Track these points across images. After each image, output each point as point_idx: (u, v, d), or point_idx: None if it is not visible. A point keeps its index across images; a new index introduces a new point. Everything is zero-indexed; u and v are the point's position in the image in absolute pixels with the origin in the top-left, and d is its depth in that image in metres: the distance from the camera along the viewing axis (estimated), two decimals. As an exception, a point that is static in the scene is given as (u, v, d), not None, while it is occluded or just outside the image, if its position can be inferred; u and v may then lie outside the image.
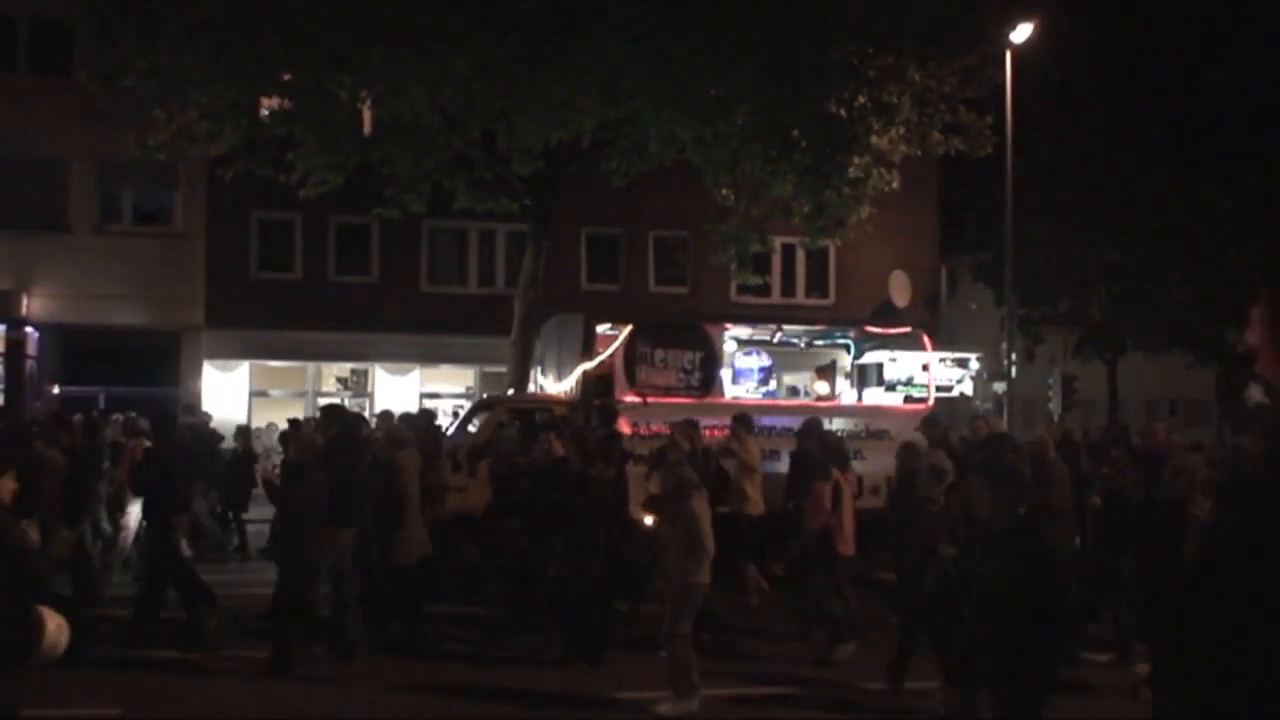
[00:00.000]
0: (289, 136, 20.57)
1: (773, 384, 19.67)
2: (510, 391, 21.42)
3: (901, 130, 20.53)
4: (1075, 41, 32.01)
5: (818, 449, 13.53)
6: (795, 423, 16.09)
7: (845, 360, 20.52)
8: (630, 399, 17.09)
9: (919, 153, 21.57)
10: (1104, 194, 34.27)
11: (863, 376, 20.40)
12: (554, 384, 19.39)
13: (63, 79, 27.17)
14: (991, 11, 20.92)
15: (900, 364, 20.48)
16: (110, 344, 26.34)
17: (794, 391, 20.99)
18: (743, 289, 28.29)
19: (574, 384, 17.90)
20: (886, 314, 31.71)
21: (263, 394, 28.42)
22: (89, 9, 20.70)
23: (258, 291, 28.19)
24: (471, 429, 17.79)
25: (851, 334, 20.37)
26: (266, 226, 28.93)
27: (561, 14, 17.86)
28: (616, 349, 17.48)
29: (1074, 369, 33.10)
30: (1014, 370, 28.73)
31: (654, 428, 16.26)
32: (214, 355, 27.74)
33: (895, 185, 21.31)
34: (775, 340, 19.81)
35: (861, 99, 19.68)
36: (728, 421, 15.69)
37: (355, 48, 18.06)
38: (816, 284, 32.25)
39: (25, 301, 26.78)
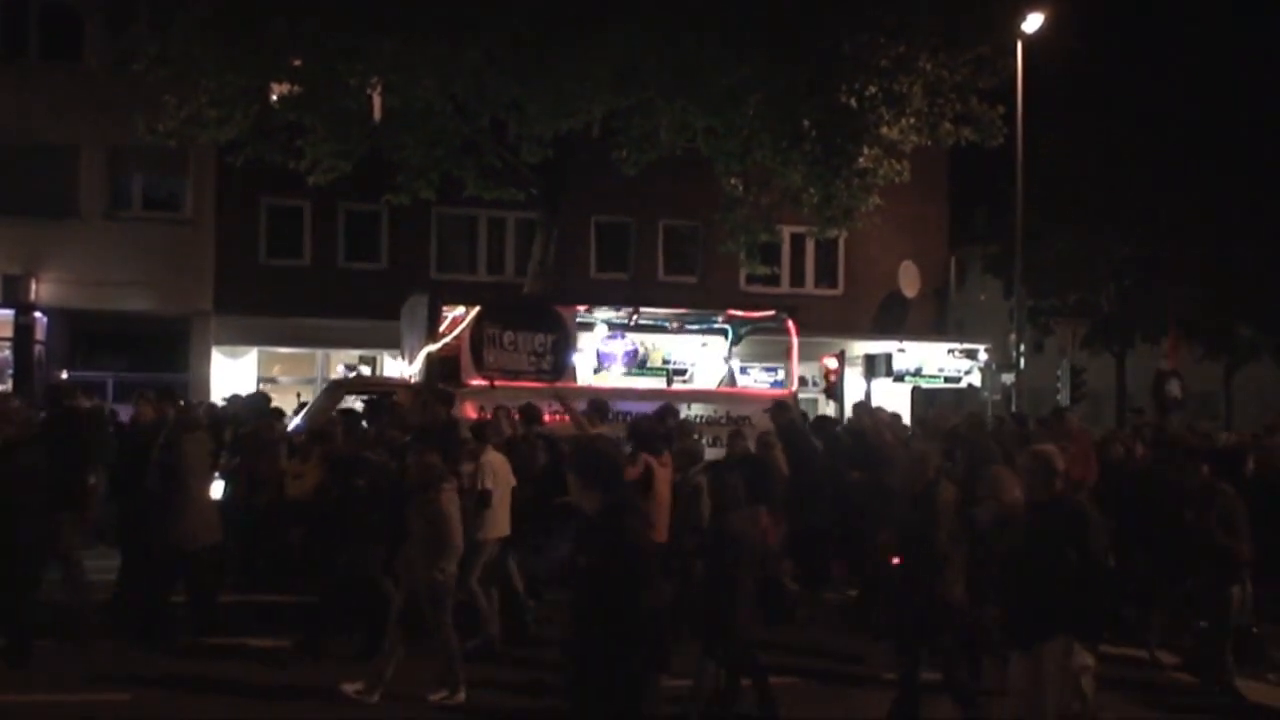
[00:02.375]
0: (299, 123, 20.57)
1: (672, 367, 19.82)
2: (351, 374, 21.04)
3: (912, 120, 20.51)
4: (1086, 31, 31.88)
5: (630, 433, 13.10)
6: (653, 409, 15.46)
7: (722, 345, 20.31)
8: (477, 383, 16.57)
9: (929, 143, 21.54)
10: (1114, 185, 34.22)
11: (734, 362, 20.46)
12: (407, 366, 18.91)
13: (73, 64, 27.24)
14: (1003, 1, 20.90)
15: (910, 354, 20.40)
16: (119, 329, 26.36)
17: (802, 381, 20.92)
18: (752, 279, 28.23)
19: (419, 367, 17.36)
20: (896, 304, 31.86)
21: (271, 380, 28.39)
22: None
23: (267, 278, 28.17)
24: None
25: (719, 318, 20.04)
26: (276, 213, 28.89)
27: (573, 3, 17.85)
28: (463, 331, 16.95)
29: (1082, 361, 33.06)
30: (1022, 361, 28.69)
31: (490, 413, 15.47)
32: (222, 341, 27.74)
33: (905, 176, 21.30)
34: (632, 323, 19.33)
35: (872, 89, 19.67)
36: (581, 407, 15.12)
37: (367, 36, 18.08)
38: (826, 274, 32.20)
39: (34, 287, 26.77)
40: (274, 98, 20.81)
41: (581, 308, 18.69)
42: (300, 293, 27.98)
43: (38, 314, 26.89)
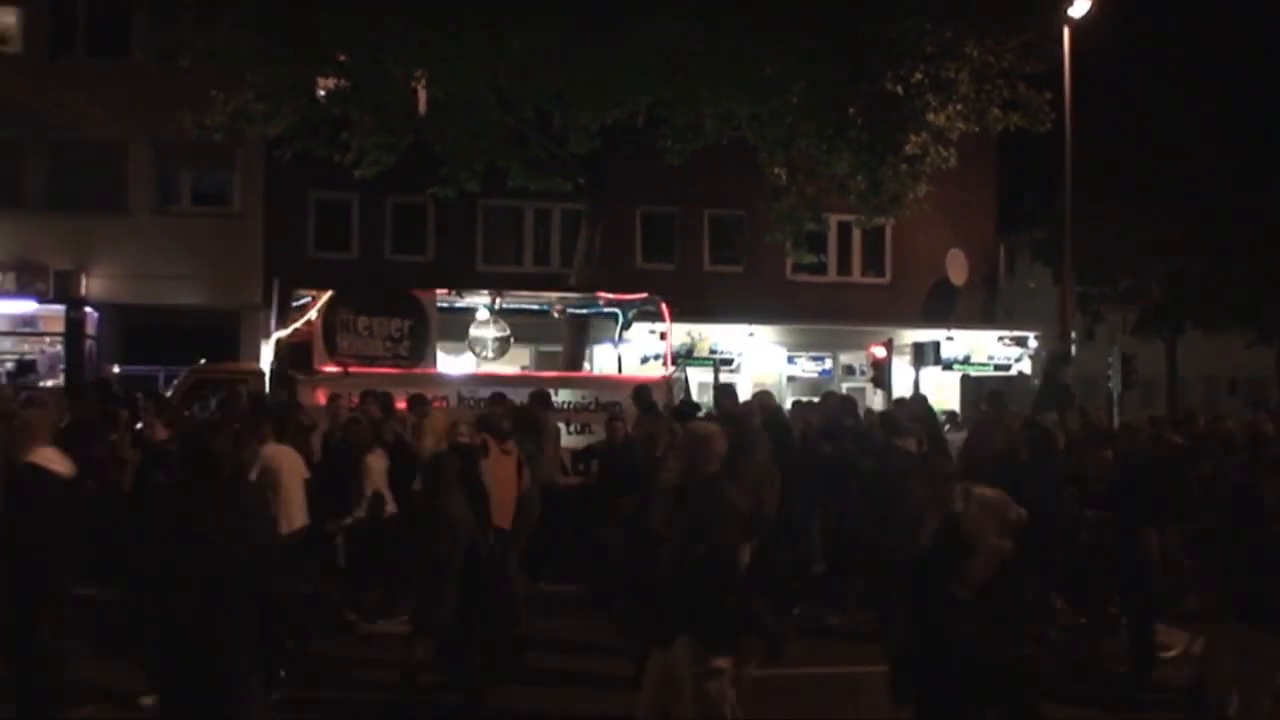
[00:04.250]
0: (345, 116, 20.64)
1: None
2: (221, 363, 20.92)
3: (959, 106, 20.32)
4: (1133, 16, 31.57)
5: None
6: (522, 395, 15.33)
7: (613, 329, 20.28)
8: (330, 369, 16.28)
9: (977, 129, 21.35)
10: (1162, 169, 33.88)
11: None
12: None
13: (121, 60, 27.52)
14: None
15: (958, 342, 20.14)
16: (169, 324, 26.51)
17: (850, 370, 20.80)
18: (798, 268, 28.13)
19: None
20: (944, 292, 31.64)
21: (319, 372, 28.55)
22: (147, -11, 20.87)
23: (315, 271, 28.28)
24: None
25: (601, 303, 19.99)
26: (323, 206, 29.09)
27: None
28: (315, 316, 16.65)
29: (1132, 347, 32.80)
30: (1073, 349, 28.45)
31: (356, 400, 15.21)
32: (272, 334, 27.87)
33: (953, 162, 21.12)
34: (497, 308, 18.92)
35: (918, 75, 19.51)
36: (442, 394, 15.16)
37: (410, 27, 18.11)
38: (873, 263, 32.06)
39: (84, 282, 27.05)
40: (320, 92, 20.91)
41: (442, 291, 18.42)
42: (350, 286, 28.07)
43: (88, 309, 27.17)
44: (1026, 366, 29.74)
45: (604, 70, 18.55)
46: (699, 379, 28.72)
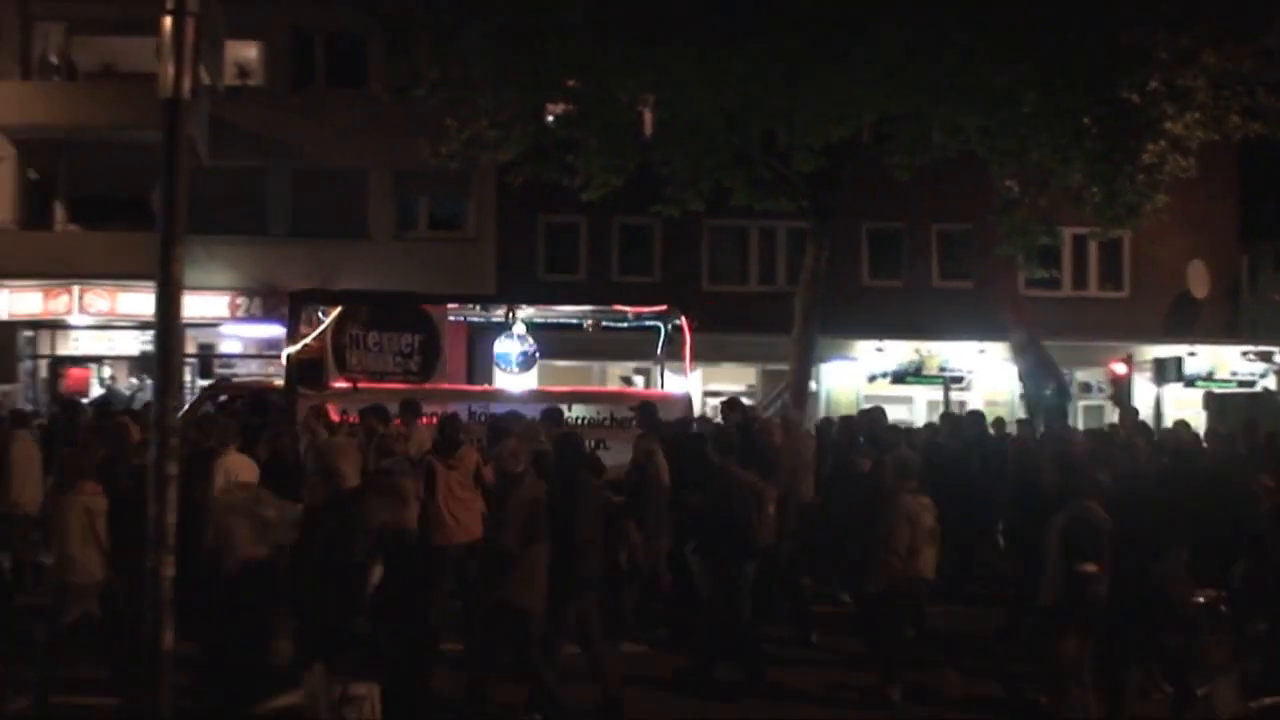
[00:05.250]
0: (573, 141, 21.00)
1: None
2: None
3: (1197, 115, 19.67)
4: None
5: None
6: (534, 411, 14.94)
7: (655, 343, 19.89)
8: (340, 385, 16.19)
9: (1216, 137, 20.61)
10: None
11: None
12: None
13: (359, 91, 28.51)
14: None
15: (1201, 357, 19.38)
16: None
17: (1086, 388, 20.20)
18: (1032, 282, 27.54)
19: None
20: (1185, 306, 30.58)
21: (550, 393, 29.03)
22: (383, 23, 21.57)
23: (545, 293, 28.82)
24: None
25: (631, 315, 19.78)
26: (552, 229, 29.68)
27: (842, 8, 17.74)
28: (324, 331, 16.50)
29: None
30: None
31: (354, 417, 15.02)
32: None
33: (1192, 171, 20.44)
34: (510, 322, 18.53)
35: (1154, 83, 18.96)
36: (449, 409, 14.62)
37: (637, 52, 18.34)
38: (1110, 276, 31.13)
39: (329, 306, 28.04)
40: (549, 117, 21.33)
41: (453, 306, 18.30)
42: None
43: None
44: (1272, 382, 28.55)
45: (829, 87, 18.48)
46: (928, 397, 28.39)
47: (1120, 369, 24.52)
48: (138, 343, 28.50)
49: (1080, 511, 9.24)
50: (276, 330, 27.01)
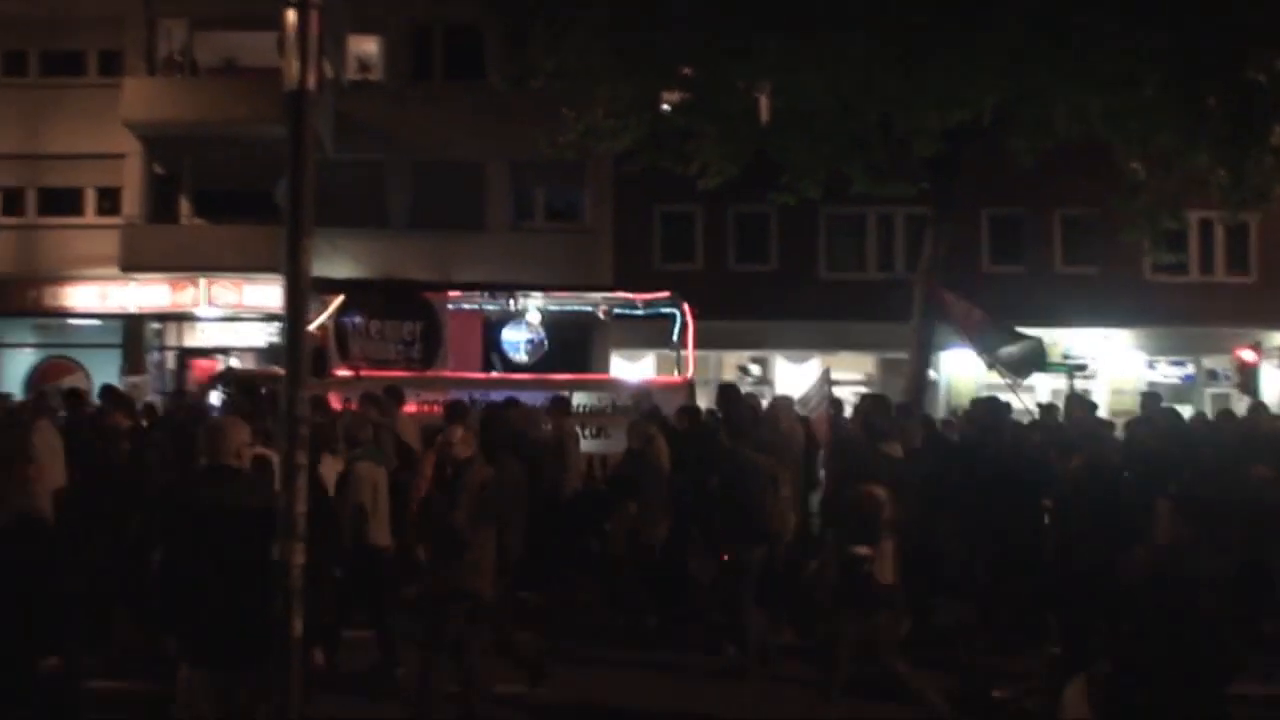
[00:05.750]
0: (689, 129, 20.97)
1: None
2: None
3: (1326, 96, 19.12)
4: None
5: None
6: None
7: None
8: (343, 373, 16.31)
9: (1346, 117, 20.02)
10: None
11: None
12: None
13: (476, 83, 28.73)
14: None
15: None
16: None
17: (1213, 375, 19.79)
18: (1157, 268, 26.95)
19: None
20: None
21: (667, 381, 29.06)
22: (500, 14, 21.72)
23: (661, 282, 28.78)
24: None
25: (635, 302, 19.79)
26: (668, 218, 29.64)
27: (962, -10, 17.51)
28: (326, 320, 16.71)
29: None
30: None
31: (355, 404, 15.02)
32: (620, 345, 28.49)
33: (1323, 153, 19.89)
34: (514, 310, 18.88)
35: (1281, 64, 18.48)
36: (450, 396, 14.90)
37: (753, 38, 18.25)
38: (1237, 261, 30.33)
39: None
40: (665, 106, 21.30)
41: (454, 294, 18.53)
42: (692, 296, 28.45)
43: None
44: None
45: (948, 70, 18.21)
46: (1052, 386, 27.91)
47: (1248, 355, 23.93)
48: (264, 334, 29.00)
49: (857, 494, 9.62)
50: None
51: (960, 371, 28.31)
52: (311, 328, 16.36)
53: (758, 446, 12.07)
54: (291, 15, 5.33)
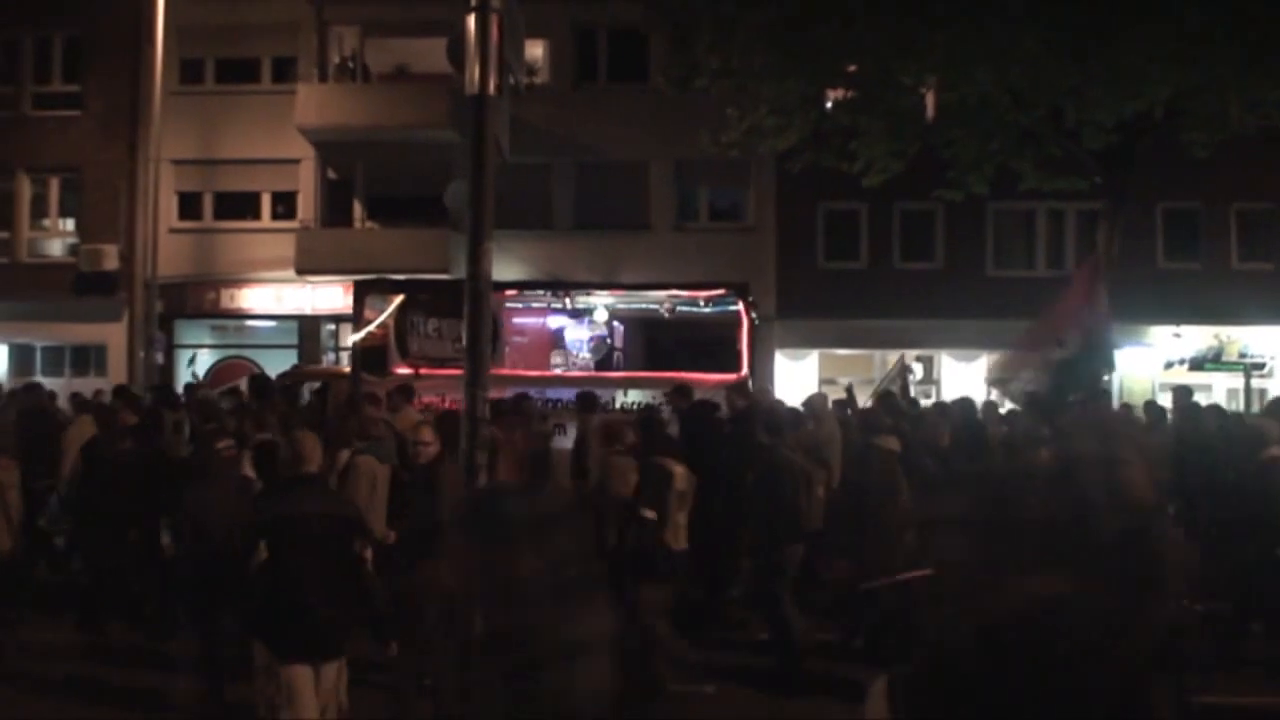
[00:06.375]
0: (853, 126, 20.85)
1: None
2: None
3: None
4: None
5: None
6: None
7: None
8: (402, 370, 16.47)
9: None
10: None
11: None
12: None
13: (640, 84, 28.91)
14: None
15: None
16: (688, 335, 27.47)
17: None
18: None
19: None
20: None
21: (830, 382, 28.86)
22: (664, 15, 21.81)
23: (825, 281, 28.72)
24: None
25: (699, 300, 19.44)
26: (832, 216, 29.45)
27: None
28: (386, 319, 16.96)
29: None
30: None
31: (425, 400, 15.46)
32: (784, 345, 28.46)
33: None
34: (567, 309, 19.01)
35: None
36: (507, 393, 14.81)
37: (919, 33, 18.08)
38: None
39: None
40: (829, 103, 21.21)
41: (511, 293, 18.59)
42: (857, 294, 28.33)
43: (615, 322, 28.59)
44: None
45: (1120, 62, 17.84)
46: (1228, 384, 27.18)
47: None
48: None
49: (651, 465, 10.61)
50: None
51: (1135, 370, 27.67)
52: (371, 327, 17.12)
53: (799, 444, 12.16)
54: (472, 20, 5.43)
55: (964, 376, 28.60)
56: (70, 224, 31.08)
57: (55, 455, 14.33)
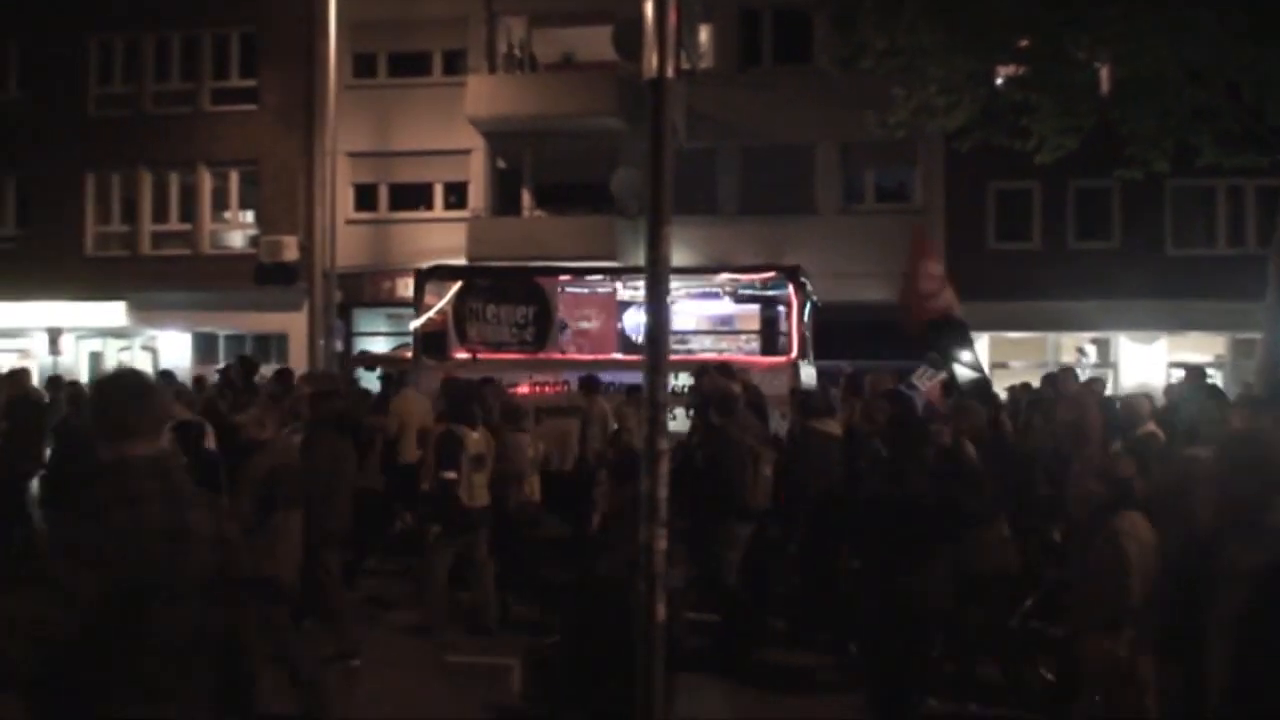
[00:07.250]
0: (1025, 102, 20.42)
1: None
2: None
3: None
4: None
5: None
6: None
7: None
8: (461, 355, 16.84)
9: None
10: None
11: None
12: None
13: (805, 66, 28.71)
14: None
15: None
16: (857, 319, 27.21)
17: None
18: None
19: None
20: None
21: (1003, 365, 28.39)
22: (829, -4, 21.62)
23: (996, 262, 28.20)
24: None
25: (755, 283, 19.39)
26: (1003, 196, 28.91)
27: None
28: (446, 305, 17.25)
29: None
30: None
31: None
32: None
33: None
34: (629, 290, 18.90)
35: None
36: (563, 378, 15.66)
37: (1092, 7, 17.64)
38: None
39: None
40: (1000, 80, 20.82)
41: (565, 278, 18.78)
42: (1030, 275, 27.77)
43: (780, 308, 28.45)
44: None
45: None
46: None
47: None
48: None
49: (448, 432, 11.80)
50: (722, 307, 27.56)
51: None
52: (431, 313, 17.53)
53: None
54: (649, 5, 5.41)
55: (1143, 358, 27.89)
56: (249, 216, 31.98)
57: (40, 440, 14.92)
